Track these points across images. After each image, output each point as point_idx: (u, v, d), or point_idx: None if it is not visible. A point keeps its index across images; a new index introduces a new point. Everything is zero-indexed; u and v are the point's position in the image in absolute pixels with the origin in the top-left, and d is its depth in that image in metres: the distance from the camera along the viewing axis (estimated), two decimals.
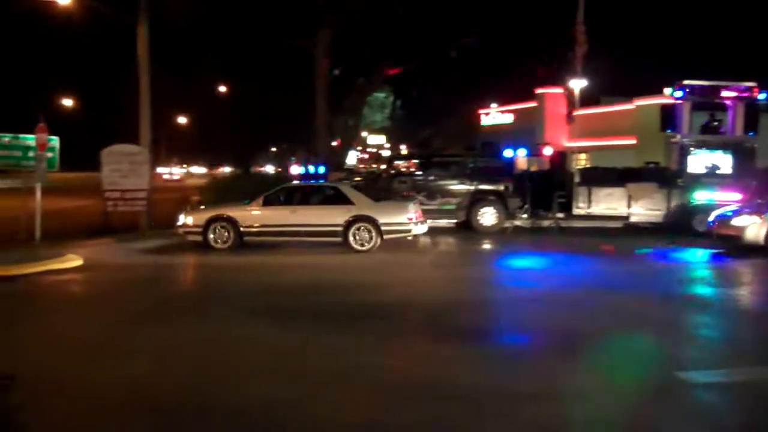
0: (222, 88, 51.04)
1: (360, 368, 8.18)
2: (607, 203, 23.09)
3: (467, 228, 23.28)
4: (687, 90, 23.10)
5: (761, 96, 23.66)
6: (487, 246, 20.45)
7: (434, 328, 10.28)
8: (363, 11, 33.57)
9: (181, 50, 36.34)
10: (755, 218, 17.81)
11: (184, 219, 18.85)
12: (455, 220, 23.81)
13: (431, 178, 23.82)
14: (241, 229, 18.33)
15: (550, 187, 24.12)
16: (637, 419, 6.81)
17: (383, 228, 18.02)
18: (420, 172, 24.05)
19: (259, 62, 36.86)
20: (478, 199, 23.41)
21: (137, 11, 22.01)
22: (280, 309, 11.36)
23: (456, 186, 23.66)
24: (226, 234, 18.38)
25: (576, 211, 23.33)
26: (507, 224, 23.23)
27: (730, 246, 18.02)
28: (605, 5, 35.24)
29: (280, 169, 58.97)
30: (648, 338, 9.82)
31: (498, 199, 23.42)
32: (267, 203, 18.65)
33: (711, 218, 19.21)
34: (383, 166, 31.75)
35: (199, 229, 18.45)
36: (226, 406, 6.98)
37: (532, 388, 7.50)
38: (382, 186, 23.66)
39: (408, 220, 18.19)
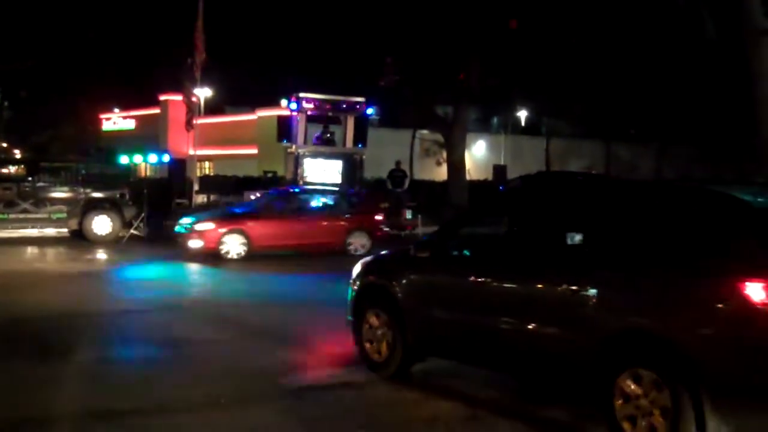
0: None
1: None
2: None
3: (80, 237, 22.00)
4: (302, 102, 23.90)
5: (369, 111, 25.27)
6: (98, 256, 19.56)
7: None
8: None
9: None
10: None
11: None
12: (67, 229, 22.39)
13: (40, 184, 22.21)
14: None
15: (168, 195, 23.70)
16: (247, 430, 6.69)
17: None
18: (29, 178, 22.34)
19: None
20: (91, 207, 22.22)
21: None
22: None
23: (67, 193, 22.29)
24: None
25: None
26: (122, 233, 22.33)
27: None
28: (229, 15, 35.57)
29: None
30: (253, 345, 9.83)
31: (113, 207, 22.45)
32: None
33: None
34: None
35: None
36: None
37: (135, 404, 7.14)
38: None
39: None
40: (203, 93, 34.44)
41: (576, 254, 6.61)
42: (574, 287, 6.36)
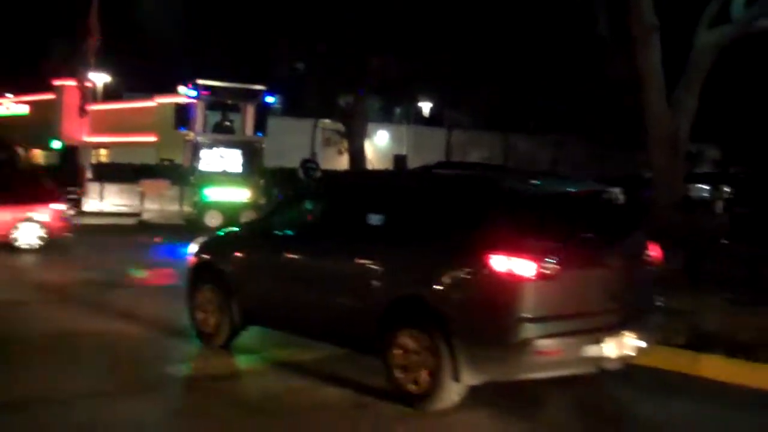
0: None
1: None
2: (121, 200, 22.66)
3: None
4: (201, 89, 23.53)
5: (269, 99, 25.03)
6: None
7: None
8: None
9: None
10: None
11: None
12: None
13: None
14: None
15: (62, 183, 22.97)
16: (128, 420, 6.57)
17: None
18: None
19: None
20: None
21: None
22: None
23: None
24: None
25: (87, 208, 22.53)
26: None
27: None
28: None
29: None
30: (139, 334, 9.66)
31: None
32: None
33: None
34: None
35: None
36: None
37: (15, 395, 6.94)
38: None
39: None
40: (101, 78, 33.62)
41: (370, 233, 7.51)
42: (365, 261, 7.26)
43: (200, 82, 23.58)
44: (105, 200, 22.68)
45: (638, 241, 7.44)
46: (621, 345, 6.78)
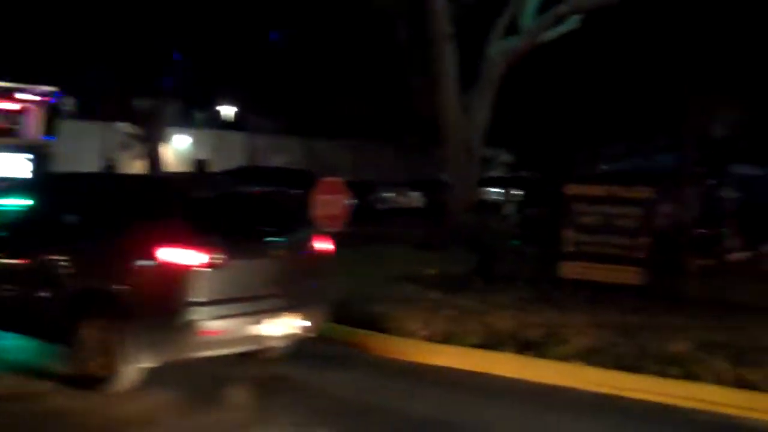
0: None
1: None
2: None
3: None
4: None
5: (60, 100, 23.79)
6: None
7: None
8: None
9: None
10: None
11: None
12: None
13: None
14: None
15: None
16: None
17: None
18: None
19: None
20: None
21: None
22: None
23: None
24: None
25: None
26: None
27: None
28: None
29: None
30: None
31: None
32: None
33: None
34: None
35: None
36: None
37: None
38: None
39: None
40: None
41: (65, 231, 8.07)
42: (57, 257, 7.81)
43: None
44: None
45: (304, 235, 8.33)
46: (284, 325, 7.65)
